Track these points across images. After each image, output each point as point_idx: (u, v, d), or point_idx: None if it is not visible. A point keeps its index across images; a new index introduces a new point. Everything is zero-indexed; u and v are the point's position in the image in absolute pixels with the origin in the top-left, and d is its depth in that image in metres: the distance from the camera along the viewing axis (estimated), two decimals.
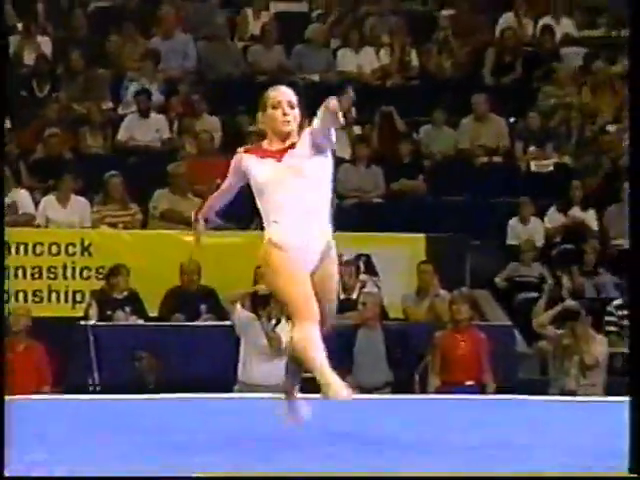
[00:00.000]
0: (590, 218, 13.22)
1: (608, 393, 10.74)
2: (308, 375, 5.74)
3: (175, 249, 11.86)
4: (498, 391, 10.58)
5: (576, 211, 13.23)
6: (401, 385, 11.00)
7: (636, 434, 2.64)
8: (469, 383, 10.99)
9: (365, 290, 11.82)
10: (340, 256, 12.19)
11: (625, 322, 12.27)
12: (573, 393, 10.97)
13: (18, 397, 7.00)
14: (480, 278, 12.58)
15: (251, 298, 10.95)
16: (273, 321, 10.88)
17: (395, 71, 14.64)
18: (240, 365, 10.81)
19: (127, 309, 11.49)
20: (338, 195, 13.46)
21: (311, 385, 5.70)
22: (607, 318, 12.22)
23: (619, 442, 4.93)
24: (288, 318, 10.86)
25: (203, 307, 11.58)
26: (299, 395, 5.92)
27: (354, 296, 11.81)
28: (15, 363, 10.15)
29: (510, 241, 13.02)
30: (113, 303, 11.49)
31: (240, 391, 10.50)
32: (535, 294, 12.29)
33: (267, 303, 10.89)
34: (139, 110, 13.56)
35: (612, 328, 12.17)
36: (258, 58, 14.58)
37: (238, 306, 10.93)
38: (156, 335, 11.22)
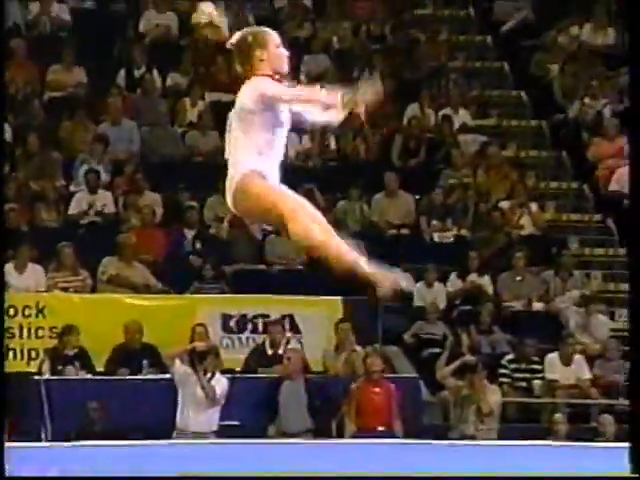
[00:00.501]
0: (486, 283, 13.31)
1: (501, 438, 10.78)
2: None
3: (120, 311, 11.80)
4: (405, 435, 10.57)
5: (473, 277, 13.33)
6: (321, 431, 10.96)
7: (635, 436, 2.59)
8: (381, 429, 10.98)
9: (289, 346, 11.80)
10: (267, 316, 12.30)
11: (516, 375, 12.35)
12: (472, 437, 11.00)
13: None
14: (391, 335, 12.60)
15: (189, 354, 10.88)
16: (208, 374, 10.81)
17: (316, 153, 14.73)
18: (178, 414, 10.71)
19: (77, 364, 11.38)
20: (266, 262, 13.47)
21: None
22: (500, 371, 12.29)
23: None
24: (222, 372, 10.90)
25: (145, 362, 11.49)
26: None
27: (280, 351, 11.78)
28: None
29: (417, 303, 13.06)
30: (64, 359, 11.38)
31: (178, 437, 10.40)
32: (438, 349, 12.33)
33: (204, 358, 10.83)
34: (88, 188, 13.51)
35: (504, 380, 12.24)
36: (195, 142, 14.58)
37: (177, 361, 10.86)
38: (103, 388, 11.11)
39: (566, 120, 15.64)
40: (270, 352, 11.83)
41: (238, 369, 11.75)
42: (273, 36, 5.44)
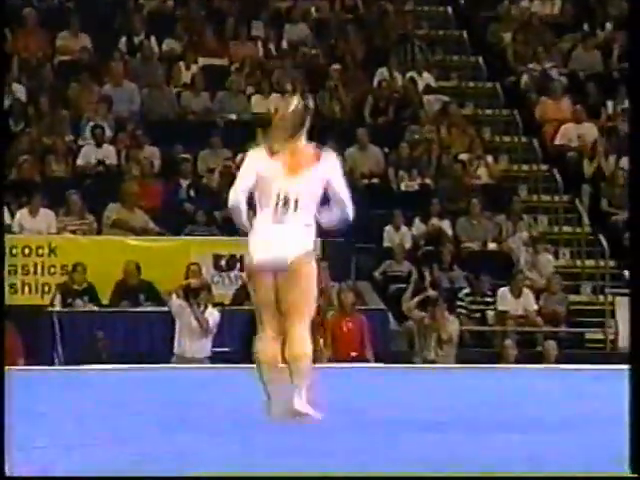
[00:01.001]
0: (446, 227, 13.31)
1: (458, 362, 10.83)
2: None
3: (123, 251, 11.75)
4: (375, 360, 10.60)
5: (435, 221, 13.32)
6: None
7: (636, 433, 2.49)
8: (353, 355, 11.00)
9: None
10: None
11: (472, 306, 12.40)
12: (433, 362, 11.04)
13: None
14: (362, 273, 12.62)
15: (184, 289, 10.87)
16: (202, 307, 10.80)
17: None
18: (175, 342, 10.71)
19: (85, 298, 11.37)
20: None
21: None
22: (458, 303, 12.34)
23: (467, 401, 4.94)
24: (214, 305, 10.88)
25: (142, 297, 11.48)
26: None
27: None
28: None
29: (386, 244, 13.07)
30: (74, 293, 11.36)
31: (176, 363, 10.41)
32: (404, 285, 12.35)
33: (197, 293, 10.81)
34: (94, 142, 13.41)
35: (462, 311, 12.29)
36: (189, 102, 14.47)
37: (174, 295, 10.84)
38: (108, 319, 11.10)
39: (517, 82, 15.59)
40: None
41: (227, 302, 11.75)
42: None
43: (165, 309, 10.96)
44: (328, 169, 4.93)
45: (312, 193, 4.84)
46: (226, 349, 10.93)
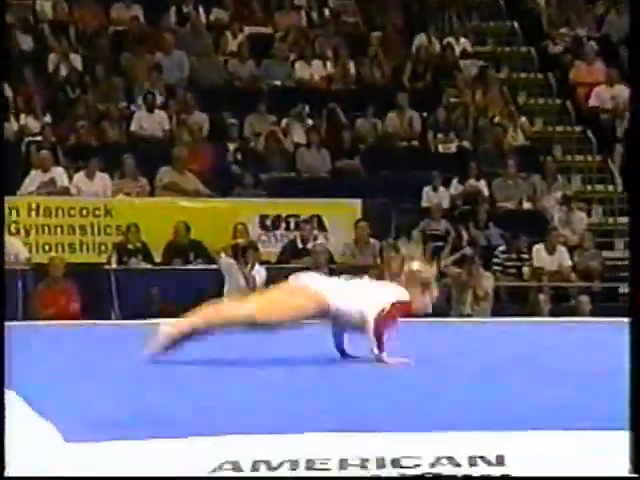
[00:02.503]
0: (482, 187, 13.24)
1: (494, 316, 10.80)
2: None
3: (174, 212, 11.82)
4: (413, 315, 10.58)
5: (472, 182, 13.25)
6: None
7: (635, 431, 2.49)
8: None
9: (317, 242, 11.81)
10: (298, 216, 12.29)
11: (507, 263, 12.34)
12: (469, 316, 11.03)
13: (57, 322, 6.91)
14: (402, 231, 12.59)
15: (232, 248, 10.91)
16: (249, 265, 10.85)
17: (338, 78, 14.57)
18: (224, 299, 10.77)
19: (139, 257, 11.45)
20: (296, 171, 13.43)
21: None
22: (494, 260, 12.28)
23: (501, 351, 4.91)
24: (261, 263, 10.91)
25: (192, 255, 11.55)
26: None
27: (309, 246, 11.80)
28: (53, 299, 10.09)
29: (424, 204, 13.02)
30: (128, 252, 11.45)
31: None
32: (442, 243, 12.32)
33: (245, 252, 10.85)
34: (147, 108, 13.45)
35: (497, 268, 12.24)
36: (235, 69, 14.45)
37: (223, 254, 10.89)
38: (160, 276, 11.19)
39: (551, 46, 15.39)
40: (300, 246, 11.86)
41: (273, 261, 11.78)
42: None
43: (214, 267, 11.02)
44: None
45: None
46: None
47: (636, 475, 2.56)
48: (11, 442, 2.69)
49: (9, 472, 2.61)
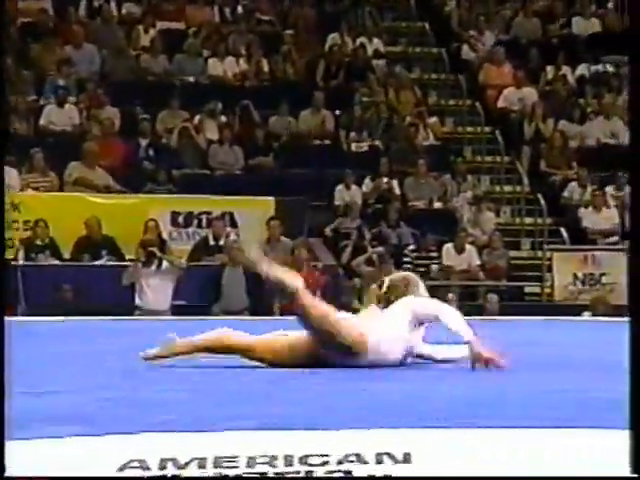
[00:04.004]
0: (394, 186, 13.35)
1: None
2: None
3: (84, 208, 11.66)
4: None
5: (384, 180, 13.35)
6: (257, 309, 11.01)
7: (635, 434, 2.50)
8: None
9: (230, 239, 11.77)
10: (210, 213, 12.23)
11: (417, 261, 12.47)
12: None
13: None
14: (314, 230, 12.63)
15: (143, 245, 10.79)
16: (161, 262, 10.75)
17: (251, 75, 14.54)
18: (137, 295, 10.67)
19: (47, 252, 11.27)
20: (209, 168, 13.36)
21: None
22: (404, 259, 12.40)
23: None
24: (172, 260, 10.82)
25: (104, 252, 11.40)
26: None
27: (221, 243, 11.75)
28: None
29: (337, 202, 13.08)
30: (36, 248, 11.26)
31: (138, 315, 10.38)
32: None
33: (155, 249, 10.76)
34: (56, 102, 13.23)
35: (408, 266, 12.35)
36: (147, 64, 14.32)
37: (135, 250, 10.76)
38: (69, 272, 11.03)
39: (462, 48, 15.61)
40: (212, 243, 11.81)
41: (185, 258, 11.71)
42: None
43: (126, 263, 10.90)
44: None
45: None
46: (183, 302, 10.92)
47: (636, 475, 2.55)
48: None
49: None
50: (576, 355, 5.42)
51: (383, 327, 4.72)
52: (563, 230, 13.15)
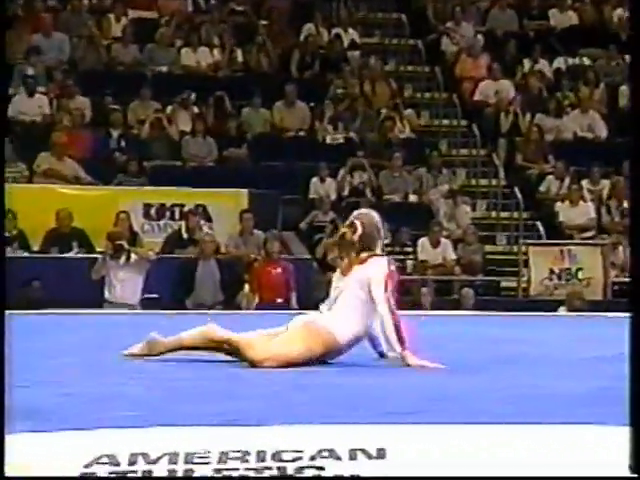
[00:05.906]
0: (369, 179, 13.36)
1: None
2: None
3: (53, 199, 11.59)
4: (300, 307, 10.65)
5: (359, 174, 13.35)
6: (230, 303, 11.00)
7: (636, 431, 2.61)
8: (279, 301, 11.04)
9: (203, 232, 11.74)
10: (183, 206, 12.19)
11: (392, 256, 12.45)
12: None
13: None
14: (288, 223, 12.63)
15: (111, 237, 10.73)
16: (131, 254, 10.71)
17: (225, 65, 14.50)
18: (106, 288, 10.62)
19: (15, 245, 11.19)
20: (181, 159, 13.31)
21: None
22: None
23: None
24: (143, 253, 10.76)
25: (74, 244, 11.34)
26: None
27: (194, 236, 11.72)
28: None
29: (311, 195, 13.08)
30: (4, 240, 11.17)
31: (107, 308, 10.33)
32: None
33: (125, 241, 10.72)
34: (26, 92, 13.14)
35: None
36: (118, 53, 14.24)
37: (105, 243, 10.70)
38: (38, 265, 10.96)
39: (438, 40, 15.63)
40: (185, 236, 11.77)
41: (157, 250, 11.67)
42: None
43: (97, 256, 10.85)
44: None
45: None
46: (155, 295, 10.88)
47: (636, 475, 2.55)
48: None
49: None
50: (548, 351, 5.46)
51: (346, 315, 4.91)
52: (539, 224, 13.22)
